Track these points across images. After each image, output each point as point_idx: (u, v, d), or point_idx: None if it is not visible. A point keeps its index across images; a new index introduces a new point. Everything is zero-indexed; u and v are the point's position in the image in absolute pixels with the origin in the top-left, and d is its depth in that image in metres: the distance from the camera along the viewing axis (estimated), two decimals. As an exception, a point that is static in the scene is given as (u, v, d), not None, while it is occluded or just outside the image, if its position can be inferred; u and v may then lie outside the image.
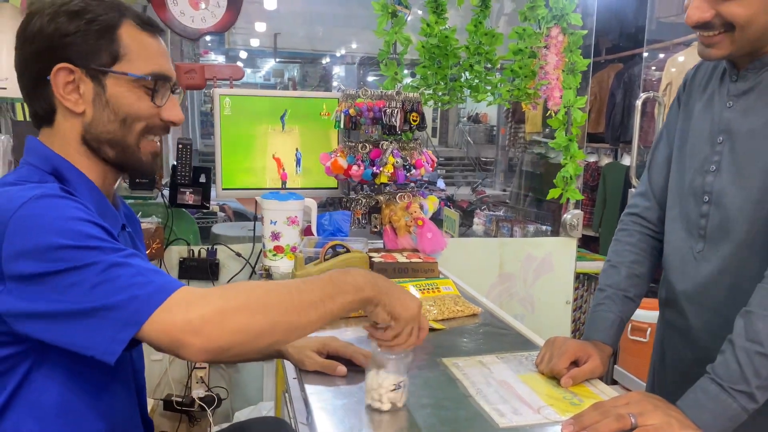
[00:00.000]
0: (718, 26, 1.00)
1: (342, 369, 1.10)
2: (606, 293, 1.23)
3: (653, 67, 4.14)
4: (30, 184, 0.88)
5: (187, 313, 0.77)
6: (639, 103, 2.85)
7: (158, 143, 1.01)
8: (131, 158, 0.98)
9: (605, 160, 4.47)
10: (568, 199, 2.53)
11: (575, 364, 1.10)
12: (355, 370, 1.10)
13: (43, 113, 0.95)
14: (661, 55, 4.11)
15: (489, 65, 2.31)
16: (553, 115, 2.37)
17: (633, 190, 2.85)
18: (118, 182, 1.06)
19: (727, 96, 1.09)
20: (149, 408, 1.77)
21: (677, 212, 1.17)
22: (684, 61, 3.59)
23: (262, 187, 2.19)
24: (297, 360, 1.16)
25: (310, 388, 1.03)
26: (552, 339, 1.16)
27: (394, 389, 0.94)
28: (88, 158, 0.97)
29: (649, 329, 2.73)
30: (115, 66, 0.93)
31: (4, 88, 1.91)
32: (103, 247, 0.80)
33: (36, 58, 0.92)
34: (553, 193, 2.48)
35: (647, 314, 2.77)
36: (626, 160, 4.13)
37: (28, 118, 2.40)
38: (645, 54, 4.10)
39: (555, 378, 1.08)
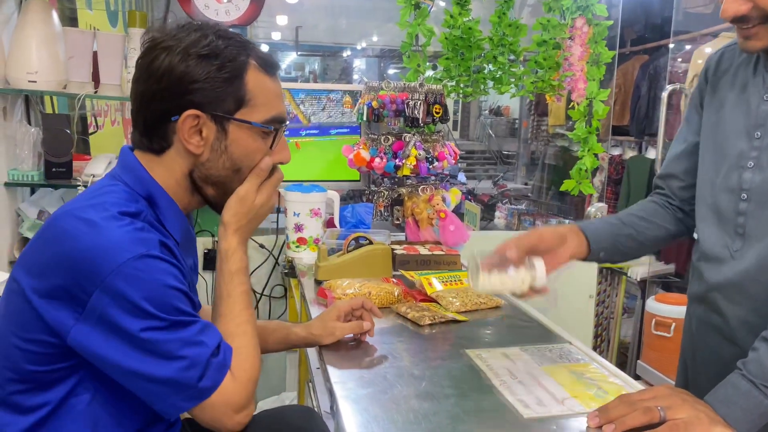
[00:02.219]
0: (755, 18, 0.96)
1: (368, 324, 1.18)
2: (612, 217, 1.23)
3: (679, 59, 4.06)
4: (126, 220, 0.88)
5: (231, 398, 0.89)
6: (665, 95, 2.80)
7: None
8: (228, 197, 0.99)
9: (629, 153, 4.40)
10: (590, 193, 2.50)
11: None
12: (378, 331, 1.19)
13: (158, 148, 0.95)
14: (688, 47, 4.03)
15: (513, 57, 2.29)
16: (576, 106, 2.35)
17: (658, 184, 2.81)
18: None
19: (763, 88, 1.05)
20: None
21: (709, 207, 1.13)
22: (711, 52, 3.52)
23: (286, 179, 2.20)
24: (325, 334, 1.18)
25: (334, 378, 1.04)
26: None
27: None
28: (184, 189, 0.98)
29: (674, 324, 2.70)
30: (238, 113, 0.94)
31: (34, 81, 1.94)
32: (184, 321, 0.87)
33: (162, 98, 0.92)
34: (567, 185, 2.46)
35: (672, 309, 2.73)
36: (651, 154, 4.06)
37: (57, 111, 2.45)
38: (671, 45, 4.02)
39: (579, 371, 1.07)
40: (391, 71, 10.83)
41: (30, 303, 0.86)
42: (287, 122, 1.02)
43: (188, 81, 0.90)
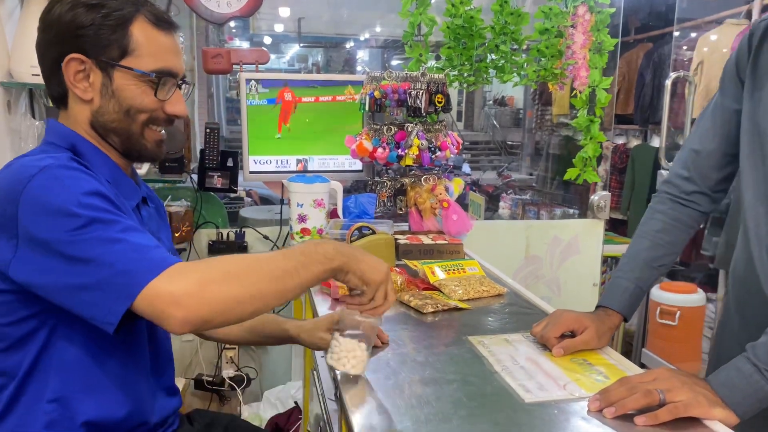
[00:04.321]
0: None
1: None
2: (627, 261, 1.20)
3: (684, 47, 4.04)
4: (42, 155, 0.94)
5: (170, 286, 0.81)
6: (669, 83, 2.79)
7: (162, 132, 1.07)
8: (136, 145, 1.05)
9: (634, 142, 4.39)
10: (594, 181, 2.50)
11: (573, 335, 1.10)
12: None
13: (57, 96, 1.03)
14: (693, 34, 4.00)
15: (515, 45, 2.28)
16: (578, 95, 2.34)
17: (663, 171, 2.80)
18: (133, 164, 1.12)
19: None
20: (180, 387, 1.82)
21: (758, 195, 1.06)
22: (717, 39, 3.50)
23: (289, 170, 2.21)
24: (311, 344, 1.21)
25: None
26: (555, 311, 1.16)
27: (364, 352, 0.97)
28: (98, 142, 1.04)
29: (678, 312, 2.70)
30: (123, 60, 0.99)
31: (38, 75, 1.94)
32: (102, 219, 0.85)
33: (53, 45, 0.99)
34: (570, 174, 2.46)
35: (677, 297, 2.74)
36: (655, 142, 4.05)
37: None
38: (675, 33, 4.00)
39: (580, 356, 1.08)
40: (394, 62, 10.79)
41: None
42: (182, 78, 1.06)
43: (74, 27, 0.97)
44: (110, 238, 0.84)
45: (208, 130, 2.24)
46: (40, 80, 1.95)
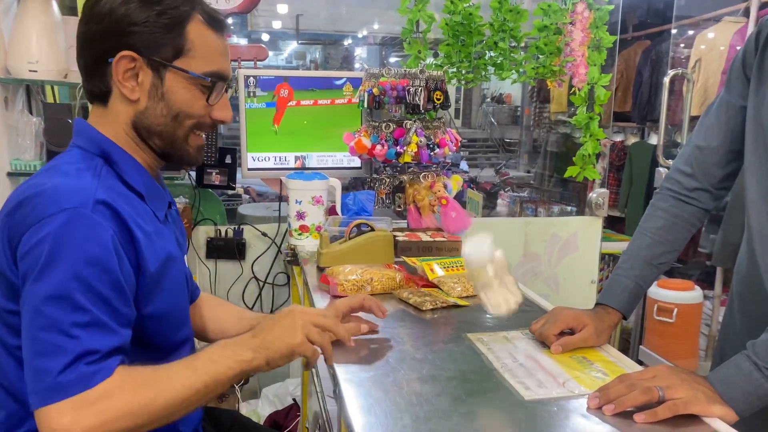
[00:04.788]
0: None
1: (365, 327, 1.12)
2: (626, 258, 1.19)
3: (682, 44, 4.05)
4: (79, 171, 0.91)
5: (60, 420, 0.77)
6: (667, 80, 2.79)
7: (204, 137, 1.04)
8: (179, 151, 1.01)
9: (632, 140, 4.39)
10: (594, 179, 2.50)
11: (572, 332, 1.10)
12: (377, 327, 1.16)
13: (99, 92, 0.97)
14: (690, 32, 4.01)
15: (514, 42, 2.28)
16: (577, 92, 2.34)
17: (660, 169, 2.80)
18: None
19: None
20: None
21: (762, 193, 1.06)
22: (714, 37, 3.50)
23: (287, 167, 2.21)
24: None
25: (337, 361, 1.05)
26: (554, 308, 1.16)
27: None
28: (136, 144, 0.99)
29: (676, 309, 2.71)
30: (177, 61, 0.94)
31: (35, 71, 1.94)
32: (76, 301, 0.81)
33: (101, 39, 0.93)
34: (571, 171, 2.46)
35: (674, 294, 2.74)
36: (653, 140, 4.06)
37: (58, 100, 2.45)
38: (673, 30, 4.00)
39: (579, 353, 1.08)
40: (392, 59, 10.77)
41: None
42: (230, 83, 1.03)
43: (127, 23, 0.91)
44: (61, 327, 0.80)
45: (206, 127, 2.23)
46: (36, 76, 1.96)
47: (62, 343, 0.80)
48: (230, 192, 2.74)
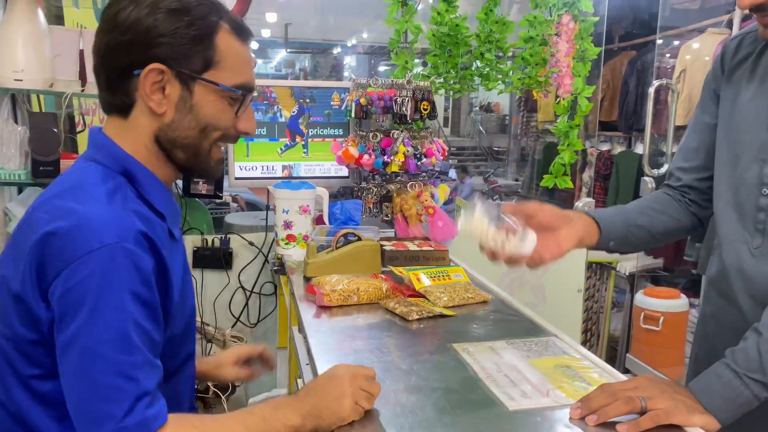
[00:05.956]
0: None
1: (258, 371, 1.23)
2: (618, 207, 1.23)
3: (667, 54, 4.10)
4: (105, 192, 0.87)
5: None
6: (652, 90, 2.82)
7: (223, 150, 1.03)
8: (201, 164, 0.98)
9: (618, 149, 4.43)
10: (581, 188, 2.52)
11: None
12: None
13: (120, 105, 0.93)
14: (676, 42, 4.06)
15: (500, 53, 2.30)
16: (561, 102, 2.37)
17: (646, 178, 2.83)
18: None
19: None
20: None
21: (727, 202, 1.10)
22: (699, 47, 3.55)
23: (275, 176, 2.21)
24: (217, 377, 1.24)
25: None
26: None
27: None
28: (156, 157, 0.95)
29: (662, 318, 2.73)
30: (206, 73, 0.91)
31: (20, 80, 1.93)
32: (129, 345, 0.81)
33: (126, 50, 0.89)
34: (547, 181, 2.48)
35: (660, 303, 2.77)
36: (639, 149, 4.09)
37: (44, 109, 2.43)
38: (659, 41, 4.05)
39: (563, 362, 1.08)
40: (381, 68, 10.83)
41: (11, 295, 0.86)
42: (256, 92, 1.01)
43: (155, 34, 0.87)
44: (122, 369, 0.79)
45: (193, 136, 2.22)
46: (22, 85, 1.95)
47: (124, 387, 0.79)
48: (218, 200, 2.73)
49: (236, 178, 2.23)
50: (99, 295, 0.79)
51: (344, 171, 2.29)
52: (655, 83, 2.86)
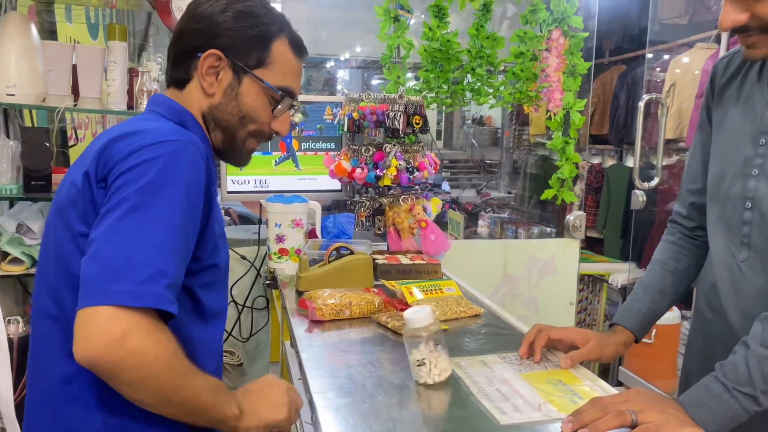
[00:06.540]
0: (755, 28, 0.95)
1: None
2: (640, 287, 1.25)
3: (657, 69, 4.14)
4: (171, 125, 0.98)
5: (120, 326, 0.77)
6: (642, 104, 2.85)
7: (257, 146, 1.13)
8: (234, 149, 1.09)
9: (609, 162, 4.46)
10: (572, 201, 2.54)
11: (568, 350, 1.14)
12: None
13: (179, 78, 1.05)
14: (665, 57, 4.11)
15: (491, 68, 2.33)
16: (553, 117, 2.39)
17: (637, 191, 2.85)
18: None
19: None
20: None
21: (717, 217, 1.12)
22: (688, 62, 3.59)
23: (268, 190, 2.21)
24: None
25: (314, 388, 1.05)
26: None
27: (419, 365, 1.03)
28: (199, 131, 1.05)
29: (655, 330, 2.74)
30: (257, 70, 1.04)
31: (13, 95, 1.93)
32: (177, 225, 0.86)
33: (196, 35, 1.03)
34: (547, 194, 2.50)
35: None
36: (630, 162, 4.12)
37: (36, 124, 2.42)
38: (648, 55, 4.10)
39: (555, 376, 1.09)
40: (374, 82, 10.86)
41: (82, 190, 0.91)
42: (297, 103, 1.12)
43: (222, 27, 1.01)
44: (158, 243, 0.83)
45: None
46: (14, 100, 1.95)
47: (156, 259, 0.82)
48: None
49: (229, 192, 2.23)
50: (162, 175, 0.86)
51: (337, 185, 2.30)
52: (645, 97, 2.88)
